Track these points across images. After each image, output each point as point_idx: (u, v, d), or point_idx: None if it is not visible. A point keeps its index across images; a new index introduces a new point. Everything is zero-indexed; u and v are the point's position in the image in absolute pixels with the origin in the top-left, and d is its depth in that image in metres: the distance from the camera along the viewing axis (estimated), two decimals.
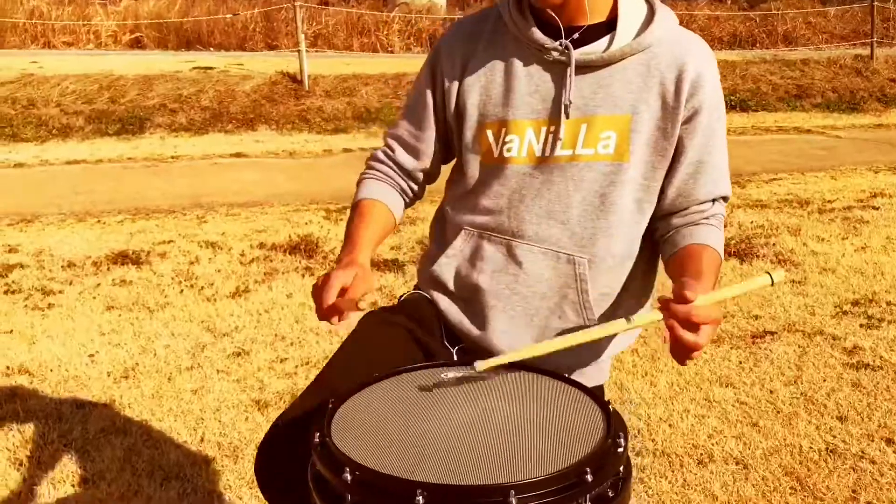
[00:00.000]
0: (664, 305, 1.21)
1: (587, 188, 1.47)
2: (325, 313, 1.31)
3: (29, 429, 3.19)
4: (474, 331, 1.59)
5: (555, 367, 1.36)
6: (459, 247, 1.58)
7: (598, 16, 1.45)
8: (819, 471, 2.83)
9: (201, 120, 10.46)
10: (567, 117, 1.44)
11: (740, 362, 3.72)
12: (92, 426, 3.22)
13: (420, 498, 0.98)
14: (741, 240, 5.57)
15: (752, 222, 6.05)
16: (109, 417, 3.30)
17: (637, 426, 3.16)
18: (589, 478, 1.01)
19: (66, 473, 2.90)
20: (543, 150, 1.47)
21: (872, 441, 3.03)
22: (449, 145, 1.65)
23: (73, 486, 2.84)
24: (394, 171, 1.63)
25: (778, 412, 3.26)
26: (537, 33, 1.46)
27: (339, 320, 1.31)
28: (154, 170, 8.51)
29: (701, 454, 2.95)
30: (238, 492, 2.79)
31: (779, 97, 12.64)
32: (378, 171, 1.63)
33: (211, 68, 12.05)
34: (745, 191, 7.19)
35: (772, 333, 4.04)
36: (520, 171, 1.49)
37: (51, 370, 3.72)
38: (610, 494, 1.06)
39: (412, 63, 11.26)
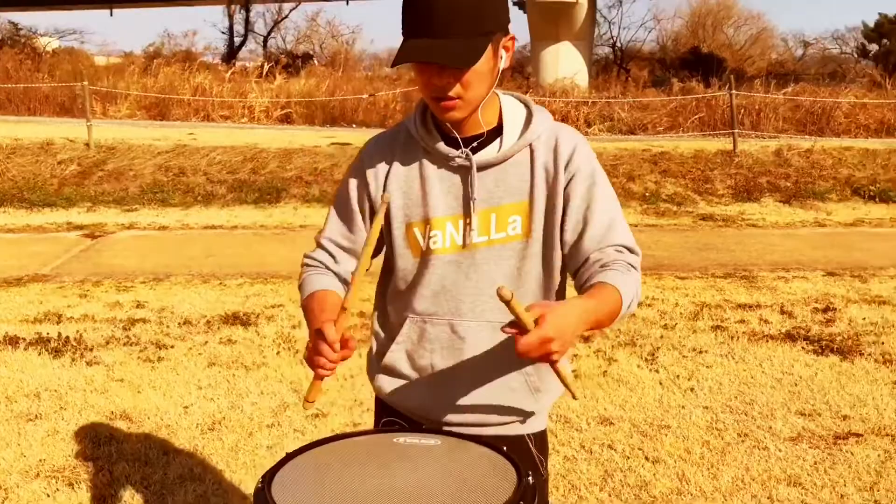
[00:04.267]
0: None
1: (505, 264, 1.70)
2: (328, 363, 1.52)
3: (118, 469, 3.49)
4: (430, 407, 1.75)
5: (506, 417, 1.71)
6: (406, 333, 1.75)
7: (488, 125, 1.69)
8: None
9: (333, 192, 11.04)
10: (475, 211, 1.68)
11: (815, 463, 3.59)
12: (172, 472, 3.49)
13: None
14: (848, 336, 5.35)
15: (864, 319, 5.80)
16: (189, 465, 3.56)
17: None
18: None
19: None
20: (464, 240, 1.70)
21: None
22: (378, 244, 1.80)
23: None
24: (333, 269, 1.78)
25: None
26: (443, 147, 1.69)
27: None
28: (282, 237, 9.05)
29: None
30: None
31: None
32: (319, 267, 1.80)
33: (348, 144, 12.73)
34: (865, 285, 6.88)
35: (857, 436, 3.87)
36: (447, 259, 1.71)
37: (148, 417, 4.05)
38: None
39: None
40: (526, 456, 1.71)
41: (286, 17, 36.17)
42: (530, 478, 1.29)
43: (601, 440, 3.82)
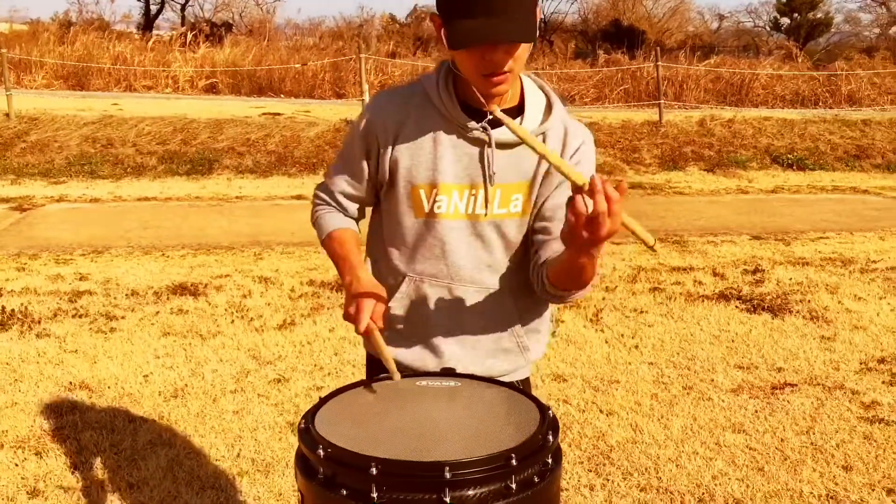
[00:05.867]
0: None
1: (504, 238, 1.78)
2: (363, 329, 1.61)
3: (85, 438, 3.51)
4: (426, 363, 1.84)
5: (498, 372, 1.80)
6: (405, 291, 1.83)
7: (510, 102, 1.76)
8: None
9: (266, 163, 10.96)
10: (491, 184, 1.76)
11: (756, 411, 3.84)
12: (141, 438, 3.52)
13: (374, 469, 1.21)
14: (777, 295, 5.67)
15: (790, 279, 6.14)
16: (157, 431, 3.60)
17: (645, 465, 3.32)
18: (514, 462, 1.23)
19: (114, 479, 3.20)
20: (467, 209, 1.77)
21: (873, 490, 3.13)
22: (376, 195, 1.90)
23: (119, 490, 3.12)
24: (341, 209, 1.88)
25: (785, 459, 3.38)
26: (463, 115, 1.75)
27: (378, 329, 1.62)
28: (218, 209, 8.97)
29: (703, 493, 3.10)
30: (266, 503, 3.03)
31: (837, 157, 12.62)
32: (329, 206, 1.89)
33: (279, 114, 12.62)
34: (788, 248, 7.26)
35: (792, 385, 4.15)
36: (450, 225, 1.78)
37: (108, 387, 4.05)
38: (535, 480, 1.27)
39: None
40: None
41: None
42: (550, 412, 1.41)
43: (556, 395, 4.00)
